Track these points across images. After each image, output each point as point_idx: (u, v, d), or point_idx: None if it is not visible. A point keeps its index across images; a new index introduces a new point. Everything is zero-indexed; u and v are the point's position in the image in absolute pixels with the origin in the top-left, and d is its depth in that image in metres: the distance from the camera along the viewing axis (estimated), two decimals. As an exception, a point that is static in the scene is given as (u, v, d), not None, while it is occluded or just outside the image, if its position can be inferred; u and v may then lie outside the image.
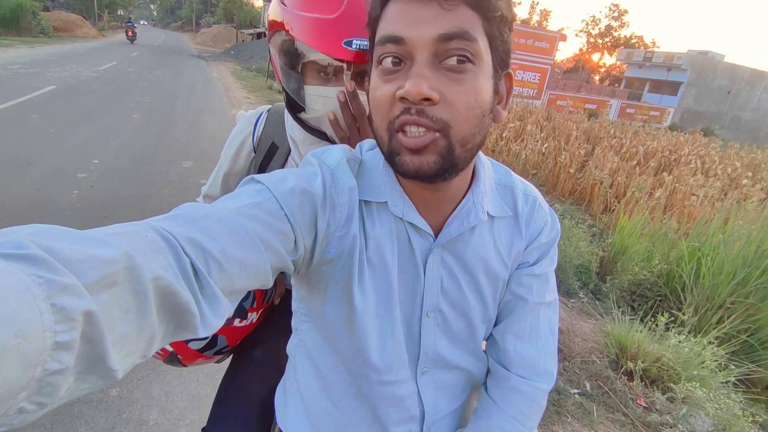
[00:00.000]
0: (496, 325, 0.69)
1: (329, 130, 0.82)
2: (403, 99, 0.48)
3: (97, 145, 5.05)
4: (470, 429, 0.68)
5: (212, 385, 1.92)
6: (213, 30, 41.24)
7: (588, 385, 2.33)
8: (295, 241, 0.50)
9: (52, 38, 21.12)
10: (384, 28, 0.50)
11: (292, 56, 0.81)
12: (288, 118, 0.90)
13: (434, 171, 0.50)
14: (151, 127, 6.36)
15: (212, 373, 1.99)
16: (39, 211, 3.26)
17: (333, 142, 0.85)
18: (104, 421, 1.67)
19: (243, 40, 32.67)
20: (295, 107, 0.85)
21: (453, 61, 0.47)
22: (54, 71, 10.32)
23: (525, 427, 0.66)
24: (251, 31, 33.93)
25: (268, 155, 0.91)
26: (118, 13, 51.42)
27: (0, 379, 0.22)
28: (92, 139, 5.29)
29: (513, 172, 0.68)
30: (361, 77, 0.78)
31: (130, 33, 25.93)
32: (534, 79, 19.33)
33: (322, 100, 0.80)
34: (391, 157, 0.52)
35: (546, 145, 7.12)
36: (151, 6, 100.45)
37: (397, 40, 0.48)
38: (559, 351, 2.61)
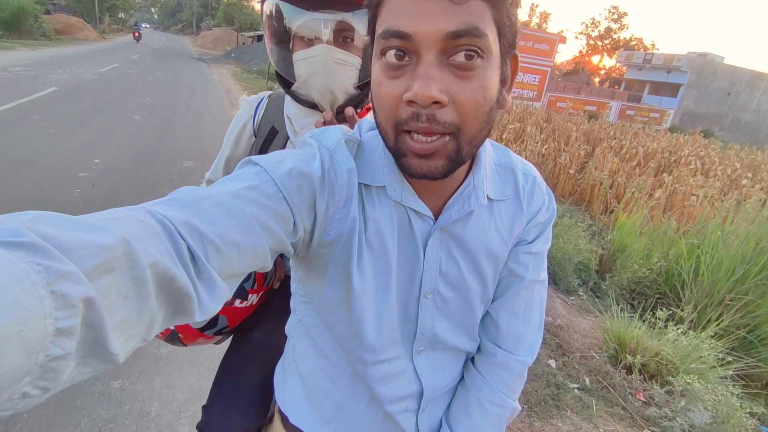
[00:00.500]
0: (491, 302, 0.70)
1: (318, 94, 0.86)
2: (410, 102, 0.47)
3: (98, 145, 5.07)
4: (459, 402, 0.70)
5: (212, 378, 1.93)
6: (213, 33, 41.42)
7: (587, 380, 2.34)
8: (294, 223, 0.50)
9: (53, 41, 21.17)
10: (387, 19, 0.47)
11: (280, 32, 0.87)
12: (285, 97, 0.94)
13: (442, 174, 0.50)
14: (151, 128, 6.38)
15: (213, 366, 1.99)
16: (40, 209, 3.25)
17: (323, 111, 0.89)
18: (106, 412, 1.68)
19: (243, 43, 32.80)
20: (288, 83, 0.90)
21: (461, 57, 0.46)
22: (55, 73, 10.36)
23: (510, 398, 0.69)
24: (252, 33, 34.08)
25: (268, 139, 0.93)
26: (119, 16, 51.60)
27: (3, 366, 0.22)
28: (93, 139, 5.31)
29: (512, 152, 0.68)
30: (342, 36, 0.84)
31: (136, 34, 30.22)
32: (534, 81, 19.35)
33: (306, 62, 0.85)
34: (396, 156, 0.52)
35: (546, 147, 7.12)
36: (152, 9, 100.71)
37: (402, 36, 0.46)
38: (559, 347, 2.62)
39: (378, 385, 0.64)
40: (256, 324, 0.97)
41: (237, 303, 0.90)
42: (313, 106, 0.88)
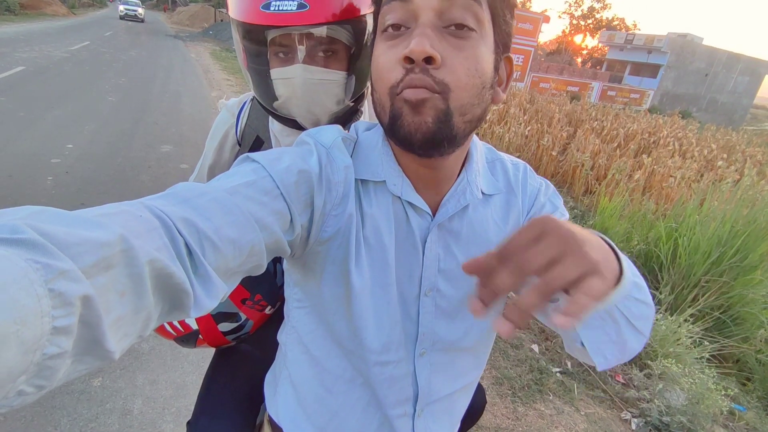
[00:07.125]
0: None
1: (299, 117, 0.80)
2: (406, 60, 0.48)
3: (70, 129, 4.88)
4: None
5: (197, 372, 1.91)
6: (190, 9, 39.81)
7: (569, 364, 2.39)
8: (291, 220, 0.50)
9: (18, 16, 20.17)
10: None
11: (251, 51, 0.80)
12: None
13: (432, 131, 0.49)
14: (127, 110, 6.16)
15: (197, 360, 1.98)
16: (12, 198, 3.16)
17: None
18: (87, 411, 1.65)
19: (222, 20, 31.67)
20: (267, 100, 0.83)
21: (456, 23, 0.48)
22: (22, 51, 9.88)
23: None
24: (230, 10, 32.82)
25: (253, 149, 0.89)
26: (89, -10, 49.19)
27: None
28: (65, 122, 5.11)
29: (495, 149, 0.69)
30: (322, 50, 0.77)
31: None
32: (517, 61, 19.31)
33: (282, 83, 0.77)
34: (393, 123, 0.51)
35: (529, 128, 7.14)
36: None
37: None
38: (542, 331, 2.66)
39: (381, 387, 0.63)
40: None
41: (267, 310, 0.86)
42: (295, 124, 0.83)
